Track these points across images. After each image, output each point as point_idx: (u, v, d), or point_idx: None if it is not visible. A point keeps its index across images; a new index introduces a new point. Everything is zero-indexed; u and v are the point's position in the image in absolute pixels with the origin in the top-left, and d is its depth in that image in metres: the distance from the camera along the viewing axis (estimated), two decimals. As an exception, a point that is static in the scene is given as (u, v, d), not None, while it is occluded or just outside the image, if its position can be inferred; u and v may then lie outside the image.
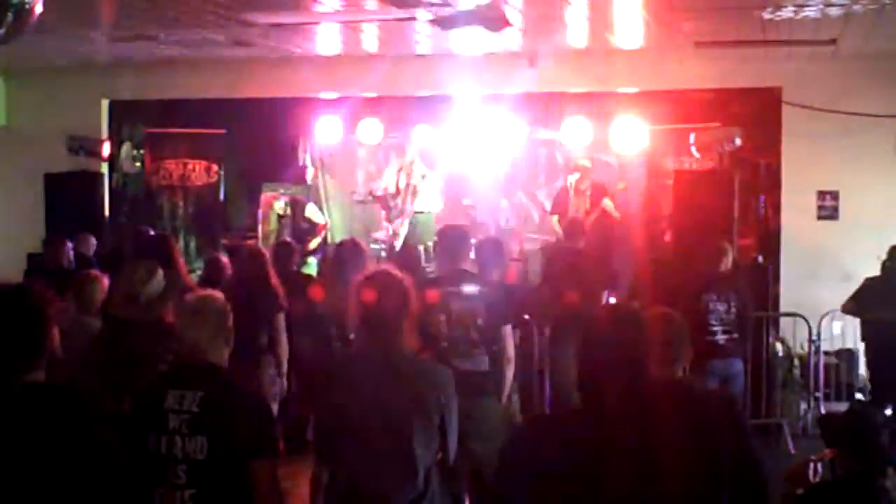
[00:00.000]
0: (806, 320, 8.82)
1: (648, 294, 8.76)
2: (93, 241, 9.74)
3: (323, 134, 11.97)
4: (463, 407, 3.81)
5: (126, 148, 12.01)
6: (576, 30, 8.79)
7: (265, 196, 12.17)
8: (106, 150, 11.26)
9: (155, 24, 8.38)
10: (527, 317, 7.87)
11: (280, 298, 6.96)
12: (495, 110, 11.15)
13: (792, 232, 9.92)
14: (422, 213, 12.10)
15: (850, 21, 7.84)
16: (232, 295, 4.07)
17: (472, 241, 6.40)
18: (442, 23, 8.12)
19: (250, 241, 11.27)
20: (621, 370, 2.75)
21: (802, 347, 9.04)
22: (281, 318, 6.94)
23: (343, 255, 6.75)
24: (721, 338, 7.49)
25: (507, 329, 5.80)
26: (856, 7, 7.31)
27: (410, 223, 12.02)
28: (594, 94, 10.66)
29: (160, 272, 5.36)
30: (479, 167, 12.70)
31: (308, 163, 12.89)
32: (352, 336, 5.52)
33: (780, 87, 9.83)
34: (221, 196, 13.04)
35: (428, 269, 9.84)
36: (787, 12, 7.55)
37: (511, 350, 5.77)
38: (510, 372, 5.80)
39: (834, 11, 7.49)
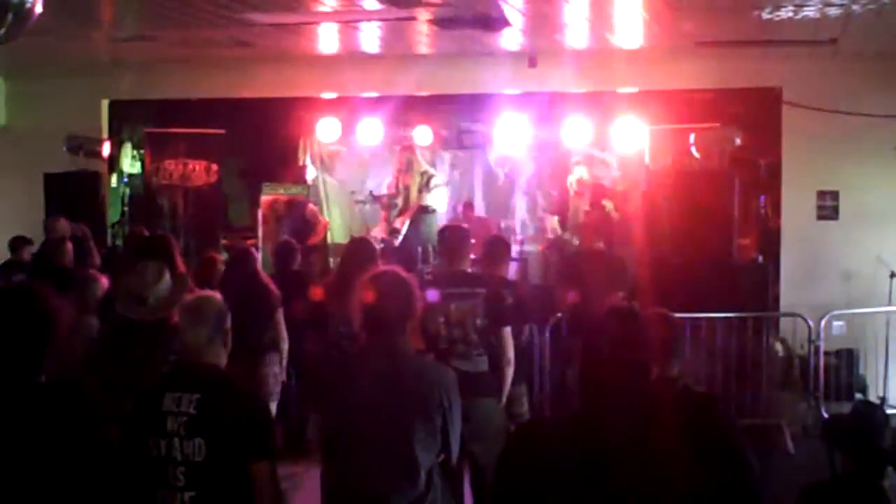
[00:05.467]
0: (806, 320, 8.82)
1: (648, 294, 8.76)
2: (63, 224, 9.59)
3: (323, 134, 11.97)
4: (461, 408, 3.81)
5: (126, 148, 12.01)
6: (576, 30, 8.79)
7: (265, 198, 12.16)
8: (106, 150, 11.25)
9: (155, 24, 8.38)
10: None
11: (275, 295, 6.97)
12: (495, 110, 11.15)
13: (792, 232, 9.91)
14: (428, 210, 12.06)
15: (849, 21, 7.83)
16: (228, 295, 4.06)
17: (473, 241, 6.40)
18: (442, 23, 8.12)
19: (250, 241, 11.29)
20: (621, 373, 2.75)
21: (802, 347, 9.04)
22: (280, 314, 6.96)
23: (352, 253, 6.70)
24: None
25: (507, 330, 5.79)
26: (855, 7, 7.31)
27: (413, 221, 12.00)
28: (594, 94, 10.66)
29: (168, 273, 5.37)
30: (479, 168, 12.71)
31: (308, 163, 12.89)
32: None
33: (780, 87, 9.82)
34: (221, 196, 13.04)
35: (427, 270, 9.84)
36: (786, 12, 7.55)
37: (511, 351, 5.76)
38: (510, 373, 5.79)
39: (833, 11, 7.49)
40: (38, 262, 8.65)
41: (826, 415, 8.43)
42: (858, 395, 9.06)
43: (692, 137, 10.37)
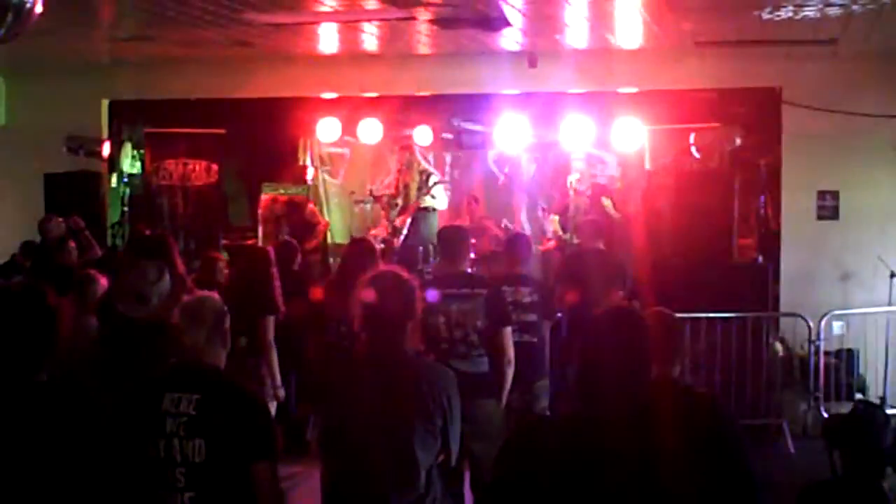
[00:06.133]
0: (806, 320, 8.82)
1: (648, 294, 8.76)
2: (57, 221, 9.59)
3: (323, 134, 11.97)
4: (462, 408, 3.81)
5: (126, 148, 12.01)
6: (576, 30, 8.79)
7: (265, 198, 12.16)
8: (106, 150, 11.25)
9: (155, 24, 8.38)
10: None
11: (273, 301, 6.81)
12: (495, 110, 11.15)
13: (792, 232, 9.91)
14: (427, 210, 12.06)
15: (849, 21, 7.83)
16: (233, 294, 4.06)
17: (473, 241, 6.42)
18: (442, 23, 8.13)
19: (250, 241, 11.28)
20: (621, 373, 2.75)
21: (802, 347, 9.04)
22: (269, 322, 6.72)
23: (354, 254, 6.67)
24: None
25: (507, 330, 5.80)
26: (855, 7, 7.31)
27: (413, 221, 11.99)
28: (594, 94, 10.65)
29: (167, 273, 5.38)
30: (479, 168, 12.72)
31: (308, 163, 12.89)
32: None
33: (780, 87, 9.82)
34: (221, 196, 13.04)
35: (427, 270, 9.84)
36: (786, 12, 7.55)
37: (511, 352, 5.77)
38: (510, 373, 5.80)
39: (833, 11, 7.49)
40: (39, 262, 8.65)
41: (826, 415, 8.44)
42: (858, 395, 9.06)
43: (692, 137, 10.37)
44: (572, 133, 10.98)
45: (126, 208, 12.21)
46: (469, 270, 6.19)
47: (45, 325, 3.13)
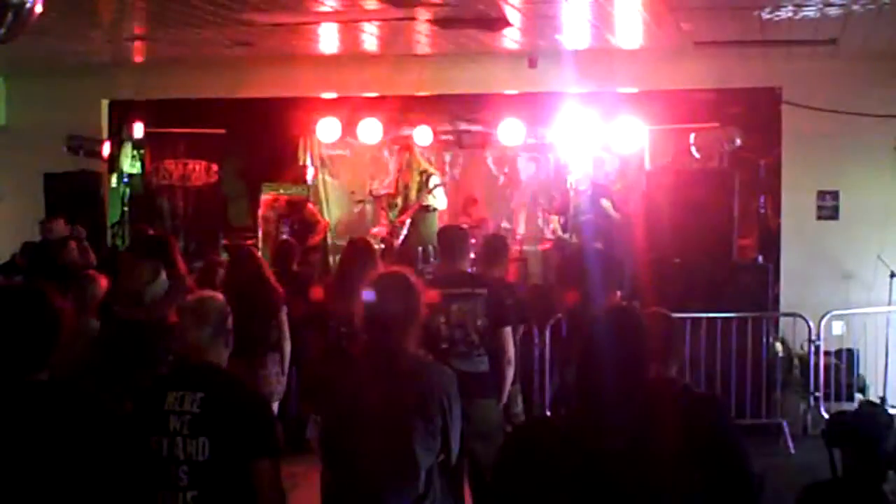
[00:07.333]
0: (806, 320, 8.82)
1: (648, 294, 8.76)
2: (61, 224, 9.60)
3: (323, 134, 11.97)
4: (462, 408, 3.81)
5: (126, 148, 12.02)
6: (576, 30, 8.79)
7: (265, 198, 12.16)
8: (106, 150, 11.25)
9: (155, 24, 8.39)
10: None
11: (279, 294, 6.99)
12: (495, 110, 11.14)
13: (792, 232, 9.92)
14: (428, 210, 12.05)
15: (849, 21, 7.83)
16: (233, 295, 4.06)
17: (473, 241, 6.41)
18: (442, 23, 8.13)
19: (250, 241, 11.28)
20: (620, 373, 2.75)
21: (802, 347, 9.04)
22: (284, 313, 6.97)
23: (352, 255, 6.70)
24: None
25: (507, 330, 5.80)
26: (855, 7, 7.31)
27: (413, 221, 11.98)
28: (594, 94, 10.66)
29: (164, 272, 5.38)
30: (479, 168, 12.71)
31: (308, 163, 12.89)
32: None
33: (780, 87, 9.82)
34: (221, 196, 13.03)
35: (427, 270, 9.83)
36: (786, 12, 7.55)
37: (511, 351, 5.77)
38: (510, 373, 5.80)
39: (833, 11, 7.49)
40: (38, 262, 8.66)
41: (826, 415, 8.44)
42: (858, 396, 9.06)
43: (692, 137, 10.37)
44: (572, 133, 10.97)
45: (126, 208, 12.22)
46: (469, 270, 6.18)
47: (48, 325, 3.14)
